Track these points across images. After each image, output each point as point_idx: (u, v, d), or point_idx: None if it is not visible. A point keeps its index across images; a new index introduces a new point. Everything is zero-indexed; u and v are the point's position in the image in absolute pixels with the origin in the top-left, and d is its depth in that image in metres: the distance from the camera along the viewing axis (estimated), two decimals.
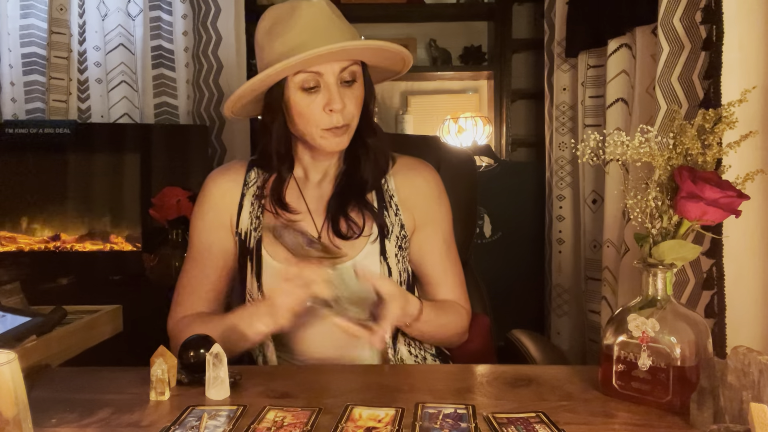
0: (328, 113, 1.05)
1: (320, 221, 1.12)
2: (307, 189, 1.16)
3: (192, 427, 0.73)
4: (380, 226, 1.12)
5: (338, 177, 1.16)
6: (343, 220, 1.10)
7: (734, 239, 1.05)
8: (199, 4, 2.23)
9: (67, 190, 2.02)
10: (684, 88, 1.25)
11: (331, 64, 1.04)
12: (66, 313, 1.10)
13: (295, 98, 1.05)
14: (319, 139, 1.07)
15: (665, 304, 0.80)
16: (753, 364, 0.67)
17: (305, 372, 0.93)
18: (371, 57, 1.10)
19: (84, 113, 2.23)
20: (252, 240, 1.12)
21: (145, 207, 1.94)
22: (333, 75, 1.04)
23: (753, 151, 1.04)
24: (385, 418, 0.74)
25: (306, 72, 1.03)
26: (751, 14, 1.06)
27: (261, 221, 1.13)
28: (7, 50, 2.13)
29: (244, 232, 1.14)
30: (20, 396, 0.53)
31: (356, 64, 1.07)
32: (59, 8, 2.14)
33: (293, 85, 1.05)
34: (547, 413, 0.75)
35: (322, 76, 1.04)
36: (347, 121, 1.07)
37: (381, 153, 1.15)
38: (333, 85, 1.04)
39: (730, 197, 0.77)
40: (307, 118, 1.06)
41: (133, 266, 1.98)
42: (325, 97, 1.04)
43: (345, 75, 1.05)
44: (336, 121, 1.05)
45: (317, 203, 1.14)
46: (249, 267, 1.12)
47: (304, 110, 1.05)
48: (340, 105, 1.04)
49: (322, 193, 1.15)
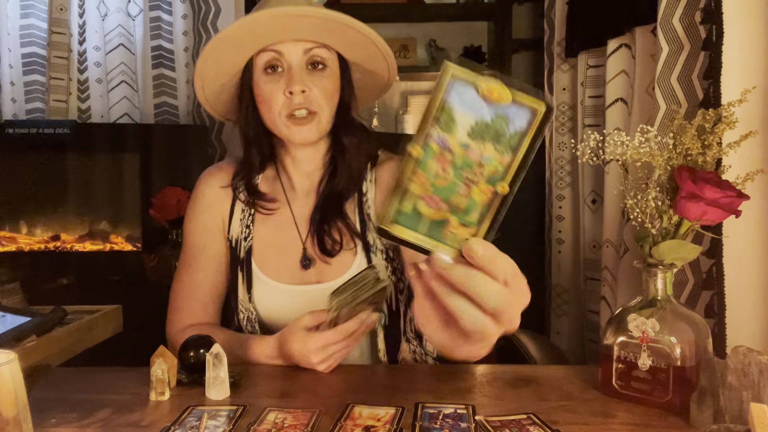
0: (288, 96, 1.00)
1: (305, 232, 1.10)
2: (295, 199, 1.12)
3: (192, 427, 0.73)
4: (364, 243, 1.07)
5: (320, 186, 1.11)
6: (326, 237, 1.06)
7: (734, 239, 1.05)
8: (199, 4, 2.23)
9: (67, 190, 2.02)
10: (684, 88, 1.25)
11: (294, 44, 1.00)
12: (66, 313, 1.10)
13: (258, 82, 1.02)
14: (284, 128, 1.02)
15: (665, 304, 0.80)
16: (753, 364, 0.67)
17: (305, 372, 0.93)
18: (340, 40, 1.03)
19: (84, 113, 2.22)
20: (242, 250, 1.10)
21: (145, 207, 1.93)
22: (296, 56, 1.00)
23: (753, 151, 1.04)
24: (384, 416, 0.74)
25: (267, 51, 1.00)
26: (751, 14, 1.06)
27: (251, 231, 1.11)
28: (7, 50, 2.13)
29: (235, 239, 1.11)
30: (20, 396, 0.53)
31: (325, 48, 1.02)
32: (59, 8, 2.14)
33: (257, 69, 1.02)
34: (547, 413, 0.75)
35: (283, 55, 1.00)
36: (312, 107, 1.01)
37: (355, 156, 1.08)
38: (295, 67, 1.00)
39: (730, 197, 0.77)
40: (269, 103, 1.01)
41: (133, 266, 1.98)
42: (286, 79, 1.00)
43: (311, 58, 1.01)
44: (297, 104, 0.99)
45: (303, 213, 1.11)
46: (240, 277, 1.10)
47: (266, 95, 1.01)
48: (299, 86, 0.98)
49: (308, 203, 1.12)
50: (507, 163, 0.45)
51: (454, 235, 0.47)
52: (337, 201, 1.08)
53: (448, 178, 0.45)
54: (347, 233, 1.07)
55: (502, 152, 0.44)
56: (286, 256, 1.10)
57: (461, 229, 0.47)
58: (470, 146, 0.44)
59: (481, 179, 0.45)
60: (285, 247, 1.10)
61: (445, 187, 0.46)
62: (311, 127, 1.02)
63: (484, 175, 0.45)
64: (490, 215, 0.47)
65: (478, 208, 0.46)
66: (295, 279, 1.08)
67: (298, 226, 1.11)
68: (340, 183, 1.08)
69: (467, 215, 0.47)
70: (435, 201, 0.46)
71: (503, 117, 0.43)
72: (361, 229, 1.08)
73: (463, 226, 0.47)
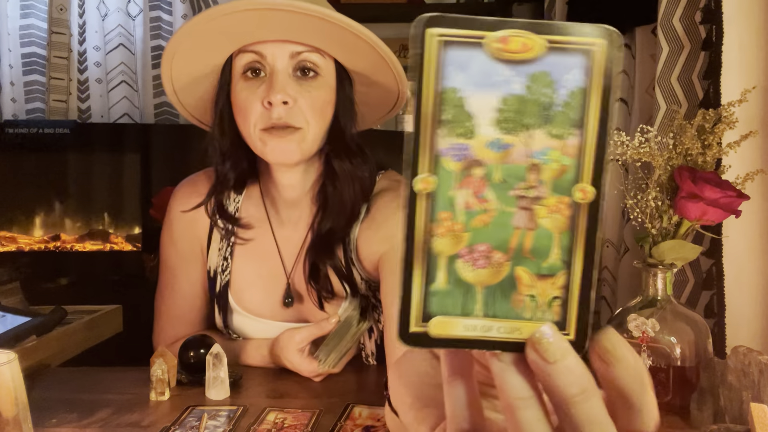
0: (266, 107, 0.83)
1: (290, 265, 0.98)
2: (280, 227, 0.99)
3: (192, 427, 0.73)
4: (351, 286, 0.95)
5: (314, 221, 0.96)
6: (321, 290, 0.94)
7: (734, 239, 1.05)
8: (199, 4, 2.23)
9: (67, 190, 2.02)
10: (684, 88, 1.25)
11: (280, 45, 0.83)
12: (66, 313, 1.10)
13: (236, 87, 0.86)
14: (259, 143, 0.86)
15: (665, 304, 0.80)
16: (753, 364, 0.67)
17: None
18: (336, 45, 0.86)
19: (84, 113, 2.22)
20: (218, 284, 1.00)
21: (145, 207, 1.93)
22: (281, 60, 0.84)
23: (753, 151, 1.04)
24: (384, 417, 0.74)
25: (247, 51, 0.84)
26: (751, 14, 1.06)
27: (229, 263, 0.99)
28: (7, 50, 2.13)
29: (213, 270, 1.00)
30: (20, 396, 0.53)
31: (318, 52, 0.86)
32: (59, 8, 2.14)
33: (236, 71, 0.86)
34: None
35: (265, 58, 0.84)
36: (294, 122, 0.84)
37: (347, 189, 0.91)
38: (279, 72, 0.84)
39: (730, 197, 0.77)
40: (244, 113, 0.85)
41: (133, 266, 1.98)
42: (266, 87, 0.84)
43: (299, 63, 0.85)
44: (276, 118, 0.83)
45: (289, 246, 0.98)
46: (216, 309, 1.02)
47: (241, 103, 0.85)
48: (281, 96, 0.82)
49: (296, 236, 0.98)
50: (577, 148, 0.27)
51: (533, 301, 0.28)
52: (328, 242, 0.93)
53: (491, 208, 0.28)
54: (338, 280, 0.95)
55: (562, 134, 0.27)
56: (267, 289, 1.00)
57: (541, 285, 0.28)
58: (507, 143, 0.27)
59: (544, 190, 0.28)
60: (267, 279, 1.00)
61: (489, 225, 0.28)
62: (291, 144, 0.85)
63: (546, 183, 0.28)
64: (580, 243, 0.28)
65: (555, 240, 0.28)
66: (276, 315, 0.99)
67: (282, 258, 0.98)
68: (330, 220, 0.92)
69: (543, 257, 0.28)
70: (481, 253, 0.28)
71: (543, 78, 0.27)
72: (347, 271, 0.95)
73: (542, 278, 0.28)
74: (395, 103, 0.97)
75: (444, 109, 0.27)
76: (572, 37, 0.27)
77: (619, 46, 0.26)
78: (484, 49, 0.26)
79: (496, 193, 0.27)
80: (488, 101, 0.27)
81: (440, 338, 0.28)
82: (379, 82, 0.92)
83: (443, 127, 0.27)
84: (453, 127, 0.27)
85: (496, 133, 0.27)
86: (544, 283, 0.28)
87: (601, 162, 0.27)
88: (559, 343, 0.26)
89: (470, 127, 0.27)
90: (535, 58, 0.27)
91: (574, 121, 0.27)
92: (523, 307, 0.28)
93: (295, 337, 0.89)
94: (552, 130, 0.27)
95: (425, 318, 0.28)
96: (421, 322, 0.28)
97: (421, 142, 0.27)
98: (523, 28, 0.27)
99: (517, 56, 0.27)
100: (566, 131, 0.27)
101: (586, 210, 0.27)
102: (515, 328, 0.28)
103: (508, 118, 0.27)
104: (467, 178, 0.27)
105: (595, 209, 0.27)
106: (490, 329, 0.28)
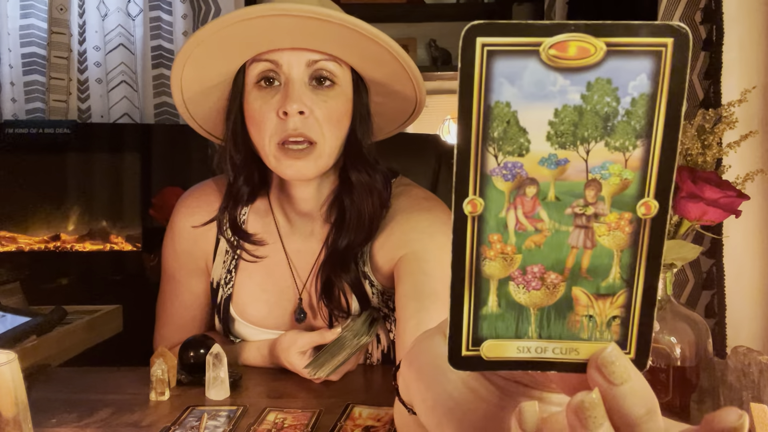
0: (282, 118, 0.80)
1: (302, 282, 0.96)
2: (292, 239, 0.96)
3: (192, 427, 0.73)
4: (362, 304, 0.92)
5: (329, 237, 0.93)
6: (334, 309, 0.92)
7: (734, 239, 1.05)
8: (199, 4, 2.23)
9: (67, 190, 2.02)
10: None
11: (296, 53, 0.81)
12: (66, 313, 1.10)
13: (249, 97, 0.84)
14: (273, 159, 0.83)
15: (665, 304, 0.80)
16: (753, 364, 0.67)
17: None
18: (356, 54, 0.83)
19: (84, 113, 2.22)
20: (220, 296, 0.98)
21: (145, 207, 1.93)
22: (297, 69, 0.81)
23: (753, 151, 1.04)
24: (384, 417, 0.74)
25: (261, 60, 0.82)
26: (751, 14, 1.06)
27: (233, 277, 0.97)
28: (7, 50, 2.13)
29: (216, 282, 0.99)
30: (20, 396, 0.53)
31: (335, 61, 0.83)
32: (59, 8, 2.14)
33: (249, 80, 0.84)
34: None
35: (280, 67, 0.81)
36: (310, 134, 0.81)
37: (366, 202, 0.88)
38: (294, 82, 0.81)
39: (730, 197, 0.77)
40: (258, 125, 0.82)
41: (133, 266, 1.98)
42: (282, 97, 0.81)
43: (316, 72, 0.82)
44: (292, 129, 0.80)
45: (300, 260, 0.96)
46: (216, 318, 1.01)
47: (255, 113, 0.82)
48: (297, 105, 0.79)
49: (309, 249, 0.95)
50: (640, 161, 0.25)
51: (591, 321, 0.27)
52: (344, 258, 0.90)
53: (544, 228, 0.26)
54: (354, 298, 0.92)
55: (624, 146, 0.25)
56: (272, 303, 0.97)
57: (600, 305, 0.27)
58: (562, 158, 0.25)
59: (603, 207, 0.26)
60: (272, 293, 0.97)
61: (543, 246, 0.26)
62: (308, 162, 0.83)
63: (605, 199, 0.26)
64: (642, 260, 0.26)
65: (615, 258, 0.26)
66: (281, 326, 0.97)
67: (294, 272, 0.95)
68: (348, 235, 0.89)
69: (602, 277, 0.26)
70: (534, 275, 0.27)
71: (603, 86, 0.25)
72: (358, 286, 0.92)
73: (600, 297, 0.27)
74: (412, 112, 0.94)
75: (493, 126, 0.25)
76: (637, 39, 0.25)
77: (689, 45, 0.24)
78: (536, 57, 0.25)
79: (550, 212, 0.26)
80: (541, 114, 0.25)
81: (494, 361, 0.27)
82: (397, 90, 0.89)
83: (493, 145, 0.25)
84: (503, 145, 0.25)
85: (550, 149, 0.25)
86: (603, 303, 0.27)
87: (669, 174, 0.26)
88: (624, 365, 0.25)
89: (522, 144, 0.25)
90: (595, 64, 0.25)
91: (639, 132, 0.25)
92: (581, 327, 0.27)
93: (298, 341, 0.88)
94: (613, 141, 0.25)
95: (475, 342, 0.27)
96: (471, 348, 0.27)
97: (470, 161, 0.25)
98: (579, 30, 0.25)
99: (575, 63, 0.25)
100: (629, 142, 0.25)
101: (650, 225, 0.26)
102: (572, 349, 0.27)
103: (564, 131, 0.25)
104: (519, 197, 0.26)
105: (659, 225, 0.26)
106: (545, 350, 0.27)
